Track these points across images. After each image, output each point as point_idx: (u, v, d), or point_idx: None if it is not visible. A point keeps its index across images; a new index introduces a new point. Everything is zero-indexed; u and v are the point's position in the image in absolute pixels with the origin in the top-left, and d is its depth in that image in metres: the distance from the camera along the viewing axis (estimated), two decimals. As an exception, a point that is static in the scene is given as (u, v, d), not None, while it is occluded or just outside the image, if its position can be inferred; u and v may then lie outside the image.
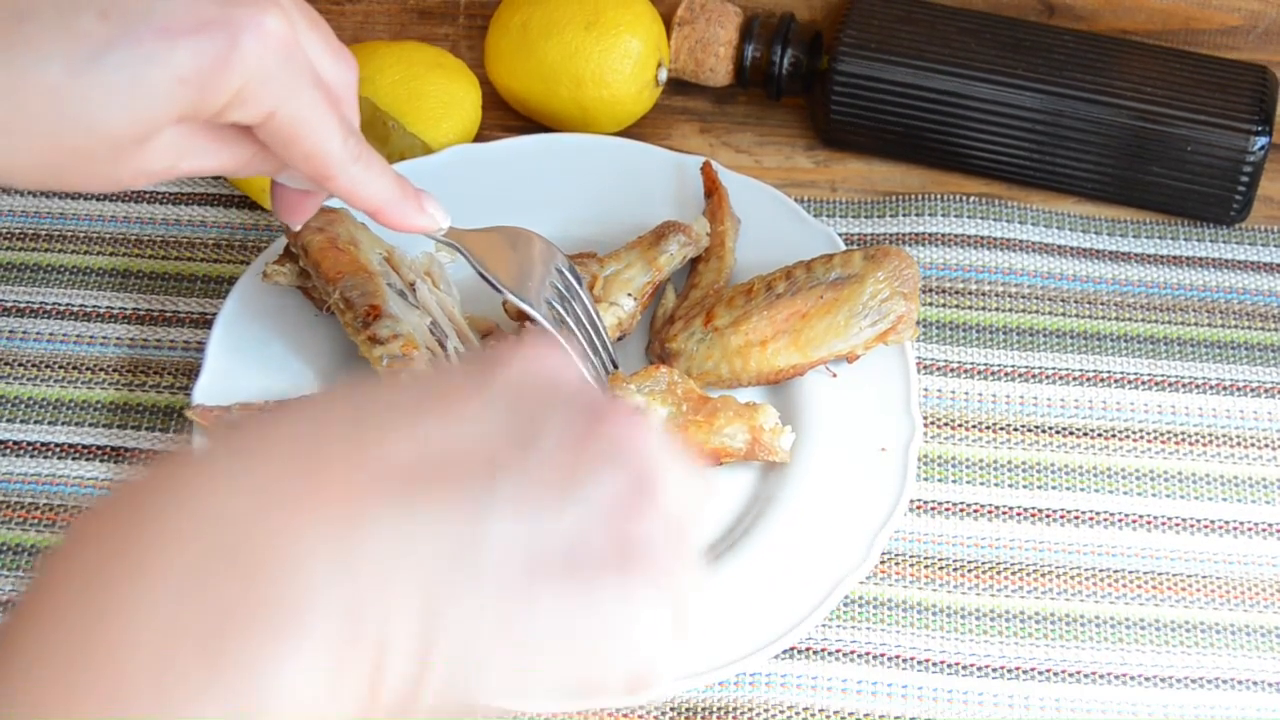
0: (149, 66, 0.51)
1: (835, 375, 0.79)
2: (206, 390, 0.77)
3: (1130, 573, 0.75)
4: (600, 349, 0.76)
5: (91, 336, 0.82)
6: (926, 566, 0.75)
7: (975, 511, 0.77)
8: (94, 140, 0.52)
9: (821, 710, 0.70)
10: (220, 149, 0.57)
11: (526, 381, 0.44)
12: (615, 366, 0.77)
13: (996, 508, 0.77)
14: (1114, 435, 0.80)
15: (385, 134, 0.89)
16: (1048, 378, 0.82)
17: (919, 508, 0.77)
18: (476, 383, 0.44)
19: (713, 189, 0.85)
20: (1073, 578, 0.75)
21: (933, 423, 0.80)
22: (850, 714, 0.70)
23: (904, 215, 0.88)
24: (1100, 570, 0.75)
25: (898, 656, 0.72)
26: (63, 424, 0.79)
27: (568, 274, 0.75)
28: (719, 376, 0.79)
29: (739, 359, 0.78)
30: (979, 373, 0.82)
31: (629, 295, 0.80)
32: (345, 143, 0.58)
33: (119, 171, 0.54)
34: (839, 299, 0.78)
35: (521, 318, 0.78)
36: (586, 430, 0.43)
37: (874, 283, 0.77)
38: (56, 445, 0.78)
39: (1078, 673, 0.72)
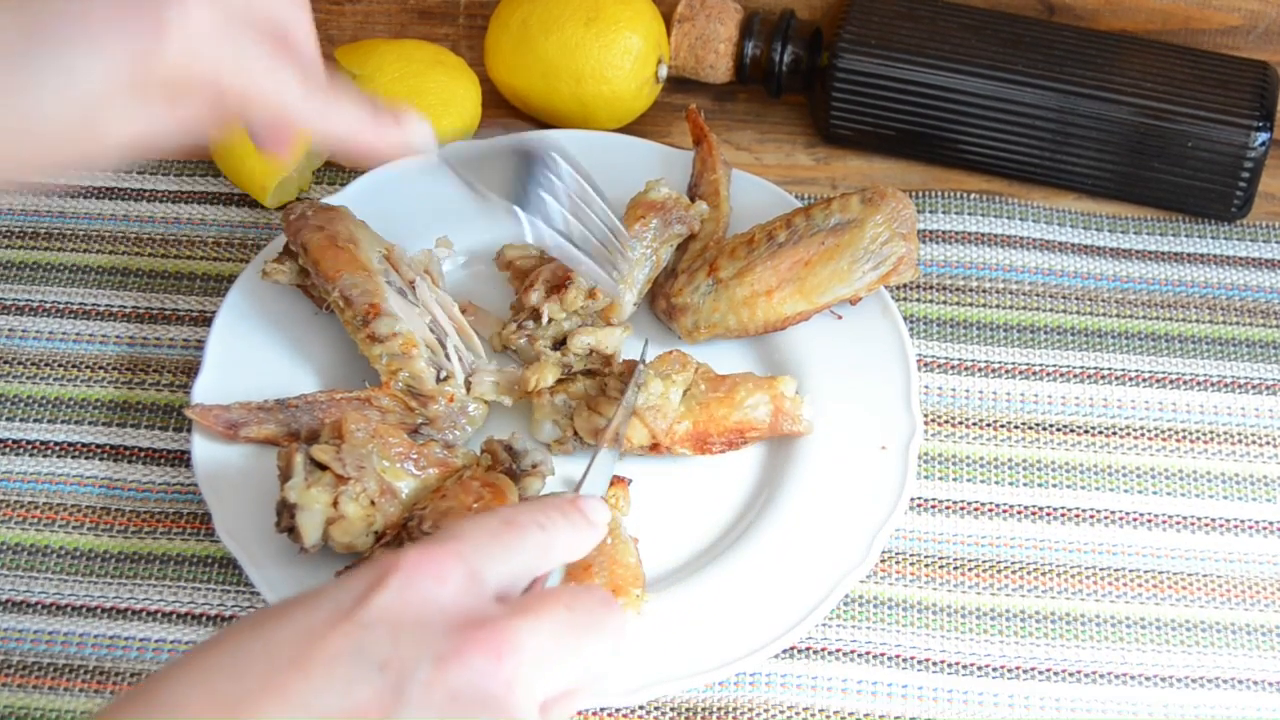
0: (78, 53, 0.54)
1: (840, 317, 0.80)
2: (206, 388, 0.77)
3: (1131, 571, 0.75)
4: (615, 253, 0.73)
5: (91, 335, 0.82)
6: (927, 565, 0.75)
7: (976, 510, 0.77)
8: (46, 125, 0.55)
9: (821, 710, 0.70)
10: (180, 109, 0.58)
11: (397, 611, 0.49)
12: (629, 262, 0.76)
13: (997, 506, 0.77)
14: (1115, 432, 0.80)
15: (385, 131, 0.89)
16: (1048, 375, 0.82)
17: (919, 506, 0.77)
18: (346, 626, 0.49)
19: (701, 136, 0.85)
20: (1073, 576, 0.75)
21: (933, 420, 0.80)
22: (850, 714, 0.70)
23: (904, 212, 0.88)
24: (1101, 569, 0.75)
25: (898, 656, 0.72)
26: (62, 422, 0.79)
27: (576, 175, 0.71)
28: (727, 327, 0.79)
29: (746, 309, 0.79)
30: (979, 370, 0.82)
31: (633, 303, 0.81)
32: (304, 86, 0.59)
33: (86, 148, 0.57)
34: (840, 244, 0.78)
35: (509, 267, 0.77)
36: (452, 664, 0.48)
37: (873, 226, 0.78)
38: (56, 444, 0.78)
39: (1078, 673, 0.72)
